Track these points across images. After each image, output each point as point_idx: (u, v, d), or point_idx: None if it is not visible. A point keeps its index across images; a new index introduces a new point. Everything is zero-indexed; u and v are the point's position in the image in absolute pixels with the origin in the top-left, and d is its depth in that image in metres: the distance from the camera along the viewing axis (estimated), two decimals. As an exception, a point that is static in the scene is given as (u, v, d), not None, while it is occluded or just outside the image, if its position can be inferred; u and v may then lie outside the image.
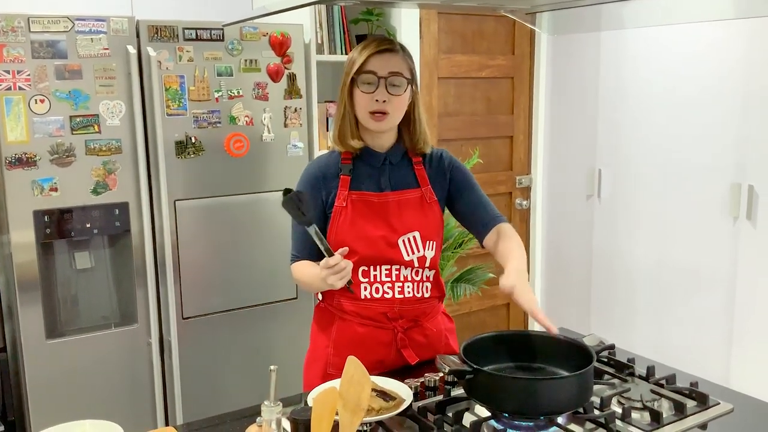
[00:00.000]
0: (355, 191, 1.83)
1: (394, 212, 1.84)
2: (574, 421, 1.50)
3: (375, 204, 1.83)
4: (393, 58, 1.79)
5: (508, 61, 3.85)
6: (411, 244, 1.84)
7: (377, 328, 1.85)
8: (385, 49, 1.79)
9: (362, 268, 1.82)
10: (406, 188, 1.87)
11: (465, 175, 1.95)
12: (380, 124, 1.80)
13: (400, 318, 1.86)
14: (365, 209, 1.82)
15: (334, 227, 1.82)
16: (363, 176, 1.85)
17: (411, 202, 1.86)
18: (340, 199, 1.82)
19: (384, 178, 1.86)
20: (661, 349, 3.33)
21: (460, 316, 3.91)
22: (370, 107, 1.78)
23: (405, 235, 1.83)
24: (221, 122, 2.79)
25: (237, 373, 2.93)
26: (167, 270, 2.73)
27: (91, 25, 2.51)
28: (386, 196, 1.84)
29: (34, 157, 2.47)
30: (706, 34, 3.04)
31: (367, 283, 1.83)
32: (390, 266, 1.83)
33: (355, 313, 1.85)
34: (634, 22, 2.67)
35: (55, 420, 1.50)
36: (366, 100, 1.78)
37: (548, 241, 4.05)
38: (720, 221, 3.06)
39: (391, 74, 1.77)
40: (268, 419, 1.27)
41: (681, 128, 3.18)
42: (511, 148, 3.97)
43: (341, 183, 1.83)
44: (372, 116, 1.78)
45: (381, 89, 1.77)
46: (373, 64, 1.77)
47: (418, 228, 1.85)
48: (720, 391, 1.70)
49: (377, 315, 1.85)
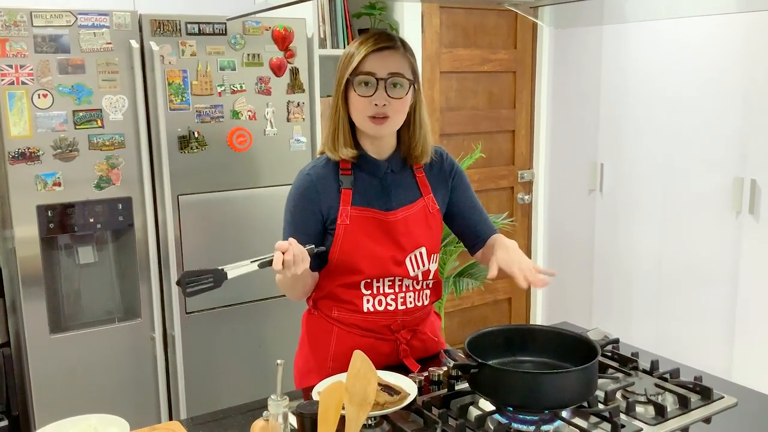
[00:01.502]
0: (358, 207, 1.70)
1: (402, 230, 1.73)
2: (578, 415, 1.51)
3: (382, 222, 1.72)
4: (393, 56, 1.64)
5: (510, 55, 3.84)
6: (417, 260, 1.76)
7: (379, 340, 1.78)
8: (385, 46, 1.63)
9: (365, 281, 1.74)
10: (411, 202, 1.76)
11: (466, 186, 1.87)
12: (380, 128, 1.65)
13: (402, 329, 1.80)
14: (371, 228, 1.71)
15: (337, 245, 1.71)
16: (365, 189, 1.72)
17: (416, 217, 1.76)
18: (343, 216, 1.69)
19: (387, 192, 1.74)
20: (664, 343, 3.33)
21: (462, 311, 3.91)
22: (368, 111, 1.63)
23: (412, 252, 1.75)
24: (224, 117, 2.79)
25: (240, 367, 2.94)
26: (170, 264, 2.73)
27: (94, 19, 2.51)
28: (394, 215, 1.73)
29: (38, 151, 2.47)
30: (707, 28, 3.04)
31: (369, 295, 1.75)
32: (393, 278, 1.75)
33: (354, 325, 1.77)
34: (636, 15, 2.67)
35: (59, 415, 1.50)
36: (363, 103, 1.63)
37: (550, 236, 4.05)
38: (722, 215, 3.06)
39: (391, 75, 1.63)
40: (275, 413, 1.27)
41: (683, 122, 3.18)
42: (513, 142, 3.96)
43: (343, 197, 1.69)
44: (371, 120, 1.64)
45: (380, 92, 1.62)
46: (370, 64, 1.62)
47: (425, 243, 1.77)
48: (724, 385, 1.70)
49: (380, 327, 1.77)
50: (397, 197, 1.75)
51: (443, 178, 1.84)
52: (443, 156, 1.86)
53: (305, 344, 1.88)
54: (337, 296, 1.77)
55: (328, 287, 1.78)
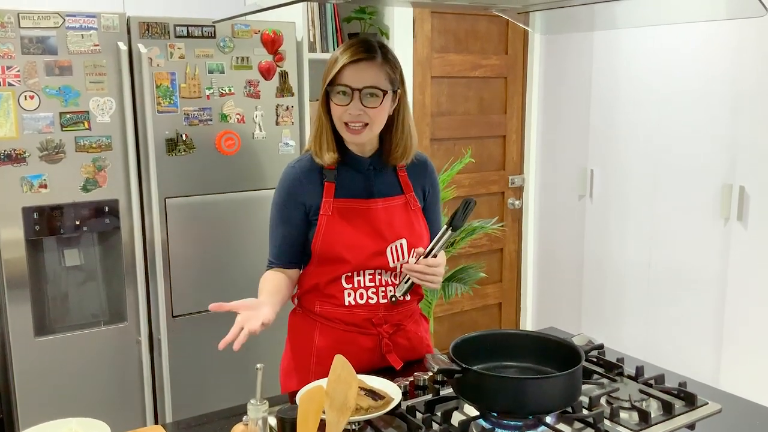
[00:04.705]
0: (340, 198, 1.77)
1: (383, 220, 1.79)
2: (562, 420, 1.50)
3: (363, 211, 1.78)
4: (369, 68, 1.68)
5: (501, 60, 3.85)
6: (398, 252, 1.80)
7: (361, 334, 1.81)
8: (361, 58, 1.67)
9: (346, 274, 1.78)
10: (392, 195, 1.82)
11: (435, 200, 1.94)
12: (356, 137, 1.72)
13: (384, 323, 1.83)
14: (353, 217, 1.77)
15: (319, 235, 1.76)
16: (348, 182, 1.78)
17: (397, 209, 1.81)
18: (325, 207, 1.75)
19: (369, 184, 1.80)
20: (652, 348, 3.33)
21: (451, 316, 3.91)
22: (344, 118, 1.70)
23: (393, 243, 1.79)
24: (212, 120, 2.78)
25: (227, 371, 2.92)
26: (157, 268, 2.72)
27: (82, 21, 2.50)
28: (375, 203, 1.79)
29: (24, 153, 2.45)
30: (697, 35, 3.05)
31: (351, 289, 1.79)
32: (374, 271, 1.79)
33: (337, 320, 1.81)
34: (627, 22, 2.67)
35: (43, 417, 1.50)
36: (340, 111, 1.70)
37: (540, 241, 4.05)
38: (711, 222, 3.07)
39: (365, 87, 1.67)
40: (254, 418, 1.26)
41: (673, 129, 3.19)
42: (503, 147, 3.97)
43: (326, 190, 1.76)
44: (347, 127, 1.71)
45: (355, 102, 1.68)
46: (346, 76, 1.67)
47: (406, 236, 1.81)
48: (708, 391, 1.70)
49: (362, 321, 1.81)
50: (379, 190, 1.81)
51: (420, 184, 1.90)
52: (427, 165, 1.92)
53: (289, 343, 1.92)
54: (319, 290, 1.81)
55: (310, 282, 1.82)
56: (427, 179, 1.91)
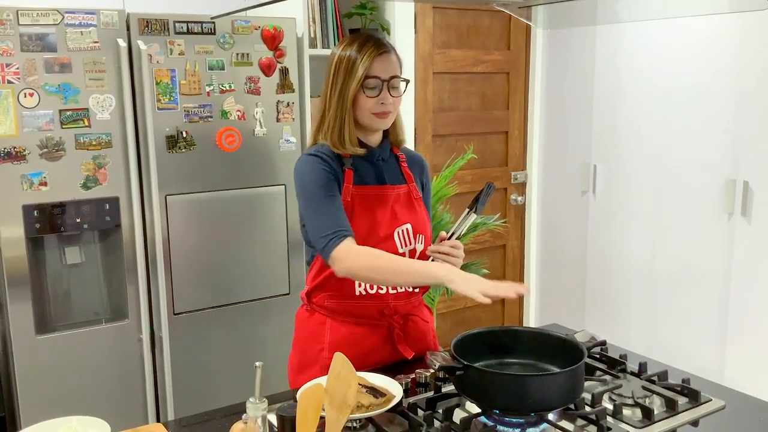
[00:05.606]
0: (358, 185, 1.82)
1: (391, 205, 1.85)
2: (564, 417, 1.49)
3: (375, 197, 1.84)
4: (391, 59, 1.80)
5: (503, 56, 3.83)
6: (404, 237, 1.85)
7: (373, 326, 1.85)
8: (384, 51, 1.79)
9: None
10: (398, 184, 1.89)
11: (427, 197, 2.00)
12: (383, 122, 1.82)
13: (395, 314, 1.86)
14: (368, 202, 1.83)
15: None
16: (363, 171, 1.84)
17: (402, 197, 1.88)
18: (346, 193, 1.80)
19: (380, 173, 1.87)
20: (656, 344, 3.32)
21: (454, 312, 3.90)
22: (375, 109, 1.78)
23: (400, 227, 1.84)
24: (213, 116, 2.77)
25: (228, 368, 2.92)
26: (158, 265, 2.71)
27: (81, 18, 2.49)
28: (385, 189, 1.86)
29: (24, 151, 2.44)
30: (700, 29, 3.03)
31: None
32: None
33: (348, 313, 1.84)
34: (629, 16, 2.65)
35: (45, 415, 1.49)
36: (371, 103, 1.78)
37: (543, 237, 4.04)
38: (715, 217, 3.05)
39: (392, 77, 1.79)
40: (254, 416, 1.25)
41: (676, 124, 3.17)
42: (506, 143, 3.95)
43: (346, 176, 1.81)
44: (376, 116, 1.80)
45: (384, 92, 1.78)
46: (376, 68, 1.77)
47: (410, 221, 1.86)
48: (712, 387, 1.69)
49: (373, 312, 1.84)
50: (388, 177, 1.89)
51: (419, 178, 1.97)
52: (423, 163, 2.01)
53: (299, 341, 1.92)
54: (329, 282, 1.82)
55: (321, 274, 1.83)
56: (424, 176, 1.99)
